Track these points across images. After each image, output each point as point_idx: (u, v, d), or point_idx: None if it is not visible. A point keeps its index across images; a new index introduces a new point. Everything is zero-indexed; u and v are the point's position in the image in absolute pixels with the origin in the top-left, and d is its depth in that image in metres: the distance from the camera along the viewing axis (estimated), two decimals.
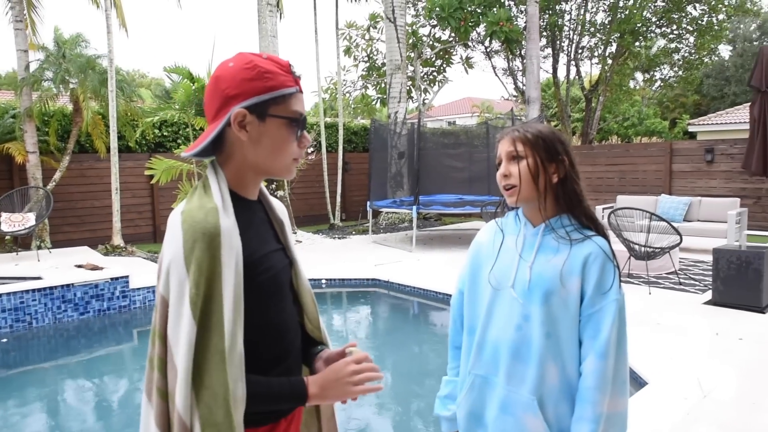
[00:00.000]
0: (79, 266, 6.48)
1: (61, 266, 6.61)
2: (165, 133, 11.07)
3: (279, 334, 1.23)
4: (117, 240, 9.21)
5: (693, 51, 16.43)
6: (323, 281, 6.99)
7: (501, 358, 1.45)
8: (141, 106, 10.62)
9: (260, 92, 1.13)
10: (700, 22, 15.40)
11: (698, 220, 8.91)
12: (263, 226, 1.26)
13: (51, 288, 5.64)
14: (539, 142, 1.43)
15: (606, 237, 1.45)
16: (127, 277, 6.11)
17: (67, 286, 5.73)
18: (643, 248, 6.24)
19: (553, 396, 1.40)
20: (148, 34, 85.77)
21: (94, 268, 6.33)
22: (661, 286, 6.31)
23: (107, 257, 8.10)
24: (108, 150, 9.54)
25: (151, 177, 9.23)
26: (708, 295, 5.77)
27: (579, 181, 1.46)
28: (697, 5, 15.35)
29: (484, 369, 1.49)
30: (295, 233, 10.97)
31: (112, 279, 5.99)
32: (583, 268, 1.38)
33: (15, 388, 4.43)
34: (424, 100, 16.37)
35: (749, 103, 9.56)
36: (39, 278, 5.82)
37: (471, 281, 1.58)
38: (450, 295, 6.10)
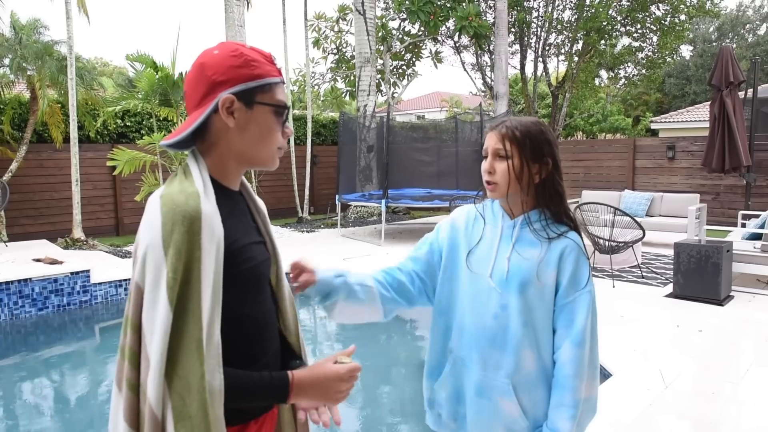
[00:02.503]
0: (38, 260, 6.25)
1: (18, 260, 6.37)
2: (128, 123, 10.77)
3: (257, 329, 1.19)
4: (77, 233, 8.93)
5: (656, 50, 16.81)
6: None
7: (477, 345, 1.47)
8: (102, 95, 10.30)
9: (248, 79, 1.12)
10: (663, 21, 15.76)
11: (660, 215, 9.14)
12: (245, 216, 1.24)
13: (7, 283, 5.43)
14: (526, 141, 1.43)
15: (579, 233, 1.49)
16: (87, 271, 5.93)
17: (25, 280, 5.52)
18: (607, 242, 6.36)
19: (529, 382, 1.44)
20: (111, 21, 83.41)
21: (53, 262, 6.12)
22: (625, 279, 6.45)
23: (67, 251, 7.85)
24: (66, 140, 9.23)
25: (113, 168, 8.98)
26: (669, 288, 5.92)
27: (561, 181, 1.48)
28: (660, 5, 15.70)
29: (463, 352, 1.52)
30: None
31: (72, 273, 5.80)
32: (559, 261, 1.42)
33: None
34: (393, 93, 16.34)
35: (709, 102, 9.84)
36: None
37: (448, 258, 1.57)
38: None
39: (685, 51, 29.19)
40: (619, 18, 16.09)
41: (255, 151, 1.16)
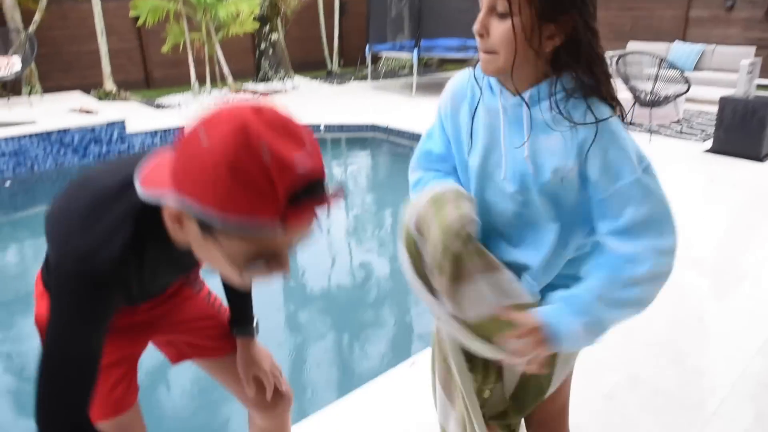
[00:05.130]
0: (74, 110, 6.37)
1: (55, 111, 6.49)
2: None
3: None
4: (109, 85, 8.95)
5: None
6: (321, 127, 6.91)
7: (500, 247, 1.16)
8: None
9: (216, 209, 0.69)
10: None
11: (709, 69, 8.62)
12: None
13: (48, 133, 5.58)
14: None
15: (614, 107, 1.03)
16: (123, 121, 6.03)
17: (64, 130, 5.67)
18: (648, 96, 6.09)
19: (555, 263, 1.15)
20: None
21: (87, 111, 6.22)
22: (663, 134, 6.27)
23: (101, 102, 7.93)
24: None
25: (137, 20, 8.73)
26: (708, 144, 5.75)
27: (596, 39, 0.98)
28: None
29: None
30: (292, 78, 10.68)
31: (108, 123, 5.92)
32: (579, 152, 1.00)
33: (22, 227, 4.58)
34: None
35: None
36: (33, 122, 5.74)
37: (455, 147, 1.20)
38: None
39: None
40: None
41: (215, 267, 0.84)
